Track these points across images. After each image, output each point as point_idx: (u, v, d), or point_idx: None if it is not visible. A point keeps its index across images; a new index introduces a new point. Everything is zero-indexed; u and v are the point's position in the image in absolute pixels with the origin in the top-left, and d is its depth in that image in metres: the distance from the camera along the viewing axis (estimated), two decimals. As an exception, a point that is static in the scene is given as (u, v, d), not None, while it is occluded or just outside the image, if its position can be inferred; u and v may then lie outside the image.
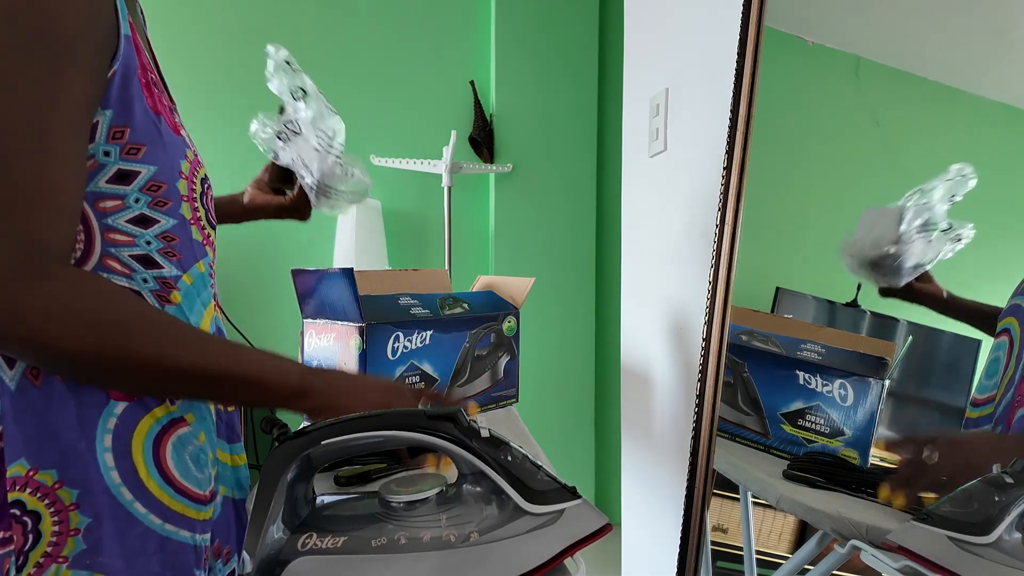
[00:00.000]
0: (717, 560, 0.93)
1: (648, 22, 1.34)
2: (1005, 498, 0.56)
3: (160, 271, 0.55)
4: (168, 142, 0.54)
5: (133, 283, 0.53)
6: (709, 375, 0.89)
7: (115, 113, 0.50)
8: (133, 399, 0.52)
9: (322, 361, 0.91)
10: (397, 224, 2.53)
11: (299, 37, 2.45)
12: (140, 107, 0.52)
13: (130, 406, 0.52)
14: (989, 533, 0.55)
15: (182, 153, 0.56)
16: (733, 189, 0.86)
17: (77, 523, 0.50)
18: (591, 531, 0.47)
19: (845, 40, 0.81)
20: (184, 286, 0.56)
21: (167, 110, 0.55)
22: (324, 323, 0.90)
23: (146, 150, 0.52)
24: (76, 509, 0.50)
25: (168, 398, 0.54)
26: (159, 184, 0.53)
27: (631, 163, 1.44)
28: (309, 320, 0.92)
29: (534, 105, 2.55)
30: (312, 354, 0.92)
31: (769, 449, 0.85)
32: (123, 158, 0.51)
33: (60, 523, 0.50)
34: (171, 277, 0.55)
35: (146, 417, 0.53)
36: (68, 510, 0.50)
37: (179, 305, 0.56)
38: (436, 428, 0.48)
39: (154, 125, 0.53)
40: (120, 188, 0.51)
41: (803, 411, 0.81)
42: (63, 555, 0.50)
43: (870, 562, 0.63)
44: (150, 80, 0.53)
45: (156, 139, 0.53)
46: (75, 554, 0.50)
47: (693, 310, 1.07)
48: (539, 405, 2.57)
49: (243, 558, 0.45)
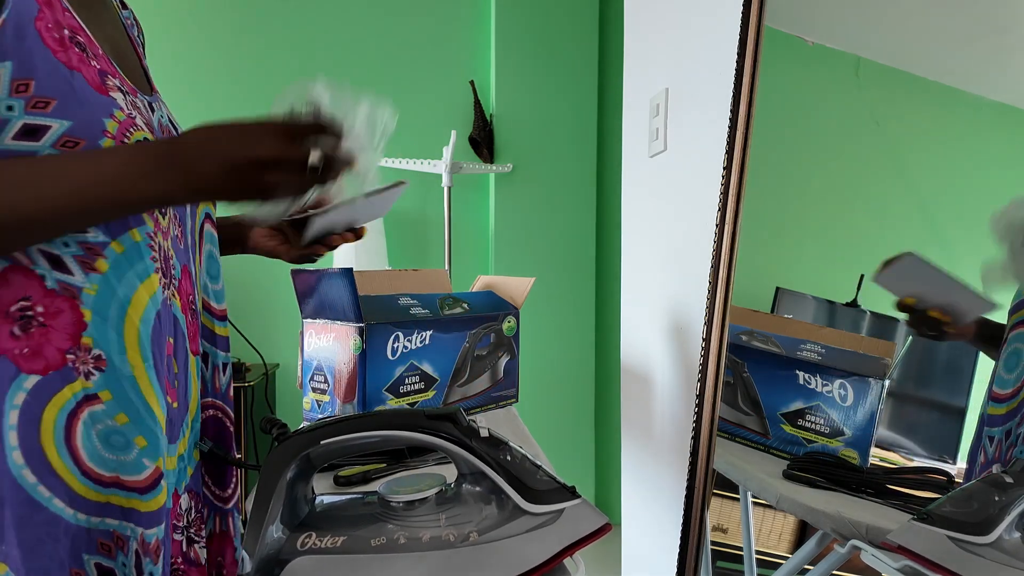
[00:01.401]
0: (717, 560, 0.93)
1: (648, 22, 1.34)
2: (1005, 498, 0.56)
3: (83, 236, 0.51)
4: (85, 99, 0.51)
5: (52, 246, 0.50)
6: (709, 375, 0.89)
7: (15, 65, 0.47)
8: (47, 371, 0.49)
9: (322, 362, 0.91)
10: (397, 224, 2.53)
11: (299, 37, 2.45)
12: (44, 60, 0.49)
13: (43, 380, 0.49)
14: (989, 533, 0.55)
15: (107, 112, 0.52)
16: (733, 189, 0.86)
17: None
18: (590, 531, 0.47)
19: (845, 40, 0.81)
20: (112, 254, 0.52)
21: (93, 71, 0.52)
22: (324, 323, 0.90)
23: (56, 104, 0.49)
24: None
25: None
26: (76, 140, 0.50)
27: (631, 163, 1.44)
28: (309, 320, 0.92)
29: (534, 105, 2.55)
30: (312, 354, 0.92)
31: (769, 449, 0.85)
32: (29, 112, 0.48)
33: None
34: (96, 243, 0.52)
35: (63, 391, 0.50)
36: None
37: (105, 274, 0.52)
38: (436, 428, 0.48)
39: (66, 80, 0.50)
40: (29, 144, 0.48)
41: (803, 411, 0.81)
42: None
43: (870, 562, 0.63)
44: (64, 37, 0.50)
45: (68, 93, 0.50)
46: None
47: (693, 310, 1.07)
48: (539, 405, 2.57)
49: (243, 557, 0.45)
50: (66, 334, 0.50)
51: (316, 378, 0.91)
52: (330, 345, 0.88)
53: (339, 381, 0.87)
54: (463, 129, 2.55)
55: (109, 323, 0.52)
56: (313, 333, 0.91)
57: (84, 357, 0.51)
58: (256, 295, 2.35)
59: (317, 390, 0.91)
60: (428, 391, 0.93)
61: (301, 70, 2.47)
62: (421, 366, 0.92)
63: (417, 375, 0.92)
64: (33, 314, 0.49)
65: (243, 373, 2.10)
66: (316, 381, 0.91)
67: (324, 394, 0.90)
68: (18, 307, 0.49)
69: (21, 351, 0.49)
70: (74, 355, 0.50)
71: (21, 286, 0.49)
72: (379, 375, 0.86)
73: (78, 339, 0.51)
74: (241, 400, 2.05)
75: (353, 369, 0.85)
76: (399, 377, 0.89)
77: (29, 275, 0.49)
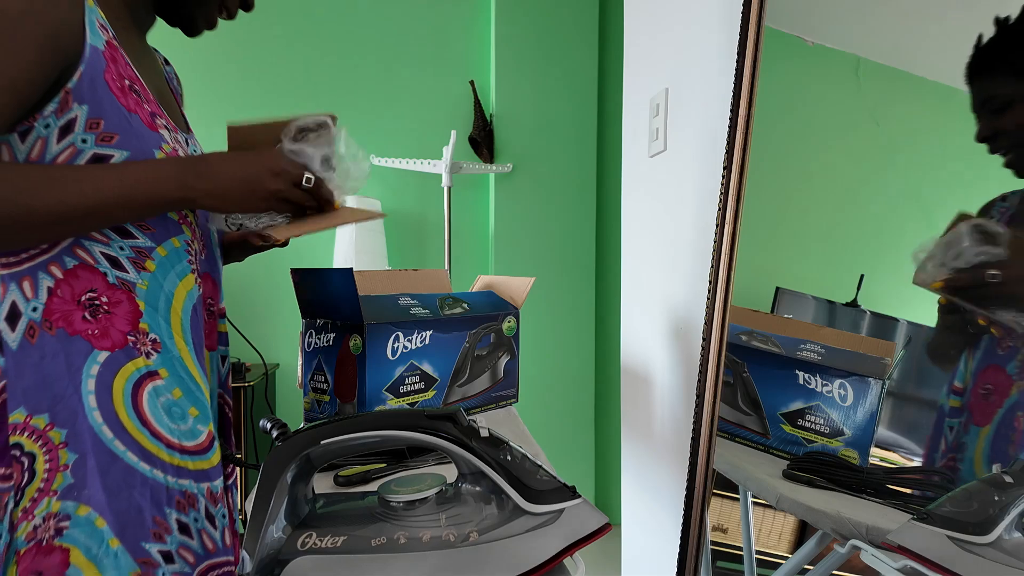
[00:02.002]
0: (717, 560, 0.93)
1: (648, 22, 1.34)
2: (1005, 498, 0.56)
3: (135, 241, 0.63)
4: (140, 134, 0.62)
5: (110, 249, 0.62)
6: (709, 375, 0.89)
7: (90, 108, 0.59)
8: (114, 349, 0.61)
9: (323, 362, 0.91)
10: (397, 224, 2.53)
11: (299, 37, 2.45)
12: (111, 104, 0.60)
13: (111, 355, 0.61)
14: (989, 533, 0.55)
15: (157, 144, 0.64)
16: (733, 189, 0.86)
17: (65, 460, 0.59)
18: (590, 531, 0.47)
19: (845, 40, 0.81)
20: (158, 257, 0.65)
21: (146, 113, 0.64)
22: (324, 323, 0.90)
23: (119, 138, 0.61)
24: (65, 447, 0.59)
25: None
26: None
27: (631, 163, 1.44)
28: (309, 320, 0.92)
29: (534, 105, 2.55)
30: (313, 354, 0.92)
31: (769, 449, 0.85)
32: (98, 144, 0.60)
33: (51, 460, 0.59)
34: (145, 247, 0.64)
35: (127, 365, 0.62)
36: (58, 448, 0.59)
37: (153, 272, 0.65)
38: (436, 428, 0.48)
39: (126, 120, 0.61)
40: None
41: (803, 411, 0.81)
42: (53, 488, 0.58)
43: (870, 562, 0.63)
44: (125, 86, 0.62)
45: (128, 130, 0.61)
46: (63, 487, 0.58)
47: (693, 310, 1.07)
48: (539, 405, 2.57)
49: (243, 557, 0.45)
50: (126, 320, 0.63)
51: (316, 378, 0.91)
52: (330, 345, 0.88)
53: (339, 381, 0.87)
54: (463, 129, 2.55)
55: (159, 312, 0.65)
56: (313, 333, 0.91)
57: (143, 340, 0.63)
58: (256, 296, 2.35)
59: (317, 390, 0.91)
60: (428, 391, 0.93)
61: (301, 70, 2.47)
62: (421, 366, 0.92)
63: (417, 375, 0.92)
64: (99, 303, 0.62)
65: (243, 373, 2.10)
66: (316, 381, 0.91)
67: (324, 394, 0.90)
68: (87, 297, 0.61)
69: (92, 332, 0.61)
70: (134, 337, 0.63)
71: (89, 280, 0.61)
72: (379, 375, 0.86)
73: (136, 324, 0.63)
74: (241, 400, 2.05)
75: (353, 369, 0.85)
76: (399, 377, 0.89)
77: (94, 272, 0.61)
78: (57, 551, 0.58)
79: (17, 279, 0.59)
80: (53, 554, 0.58)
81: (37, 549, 0.58)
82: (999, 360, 0.60)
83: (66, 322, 0.60)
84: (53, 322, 0.60)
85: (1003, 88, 0.61)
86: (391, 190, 2.53)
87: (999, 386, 0.59)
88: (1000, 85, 0.61)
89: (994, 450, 0.59)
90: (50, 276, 0.60)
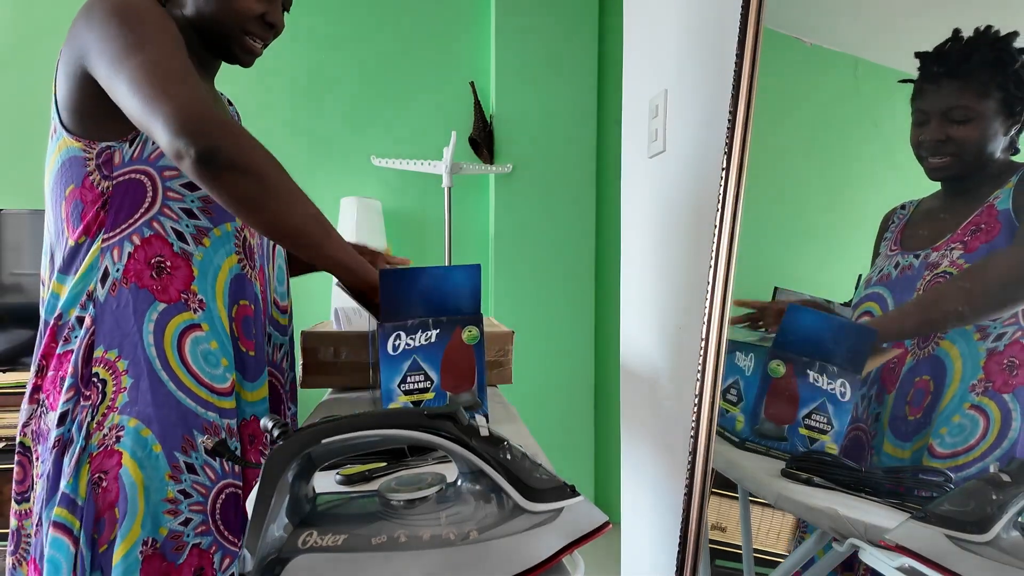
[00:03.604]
0: (716, 558, 0.93)
1: (647, 22, 1.34)
2: (1002, 496, 0.56)
3: (197, 222, 0.82)
4: None
5: (179, 225, 0.81)
6: (708, 375, 0.89)
7: None
8: (171, 303, 0.79)
9: (421, 355, 0.90)
10: (397, 224, 2.54)
11: (299, 37, 2.45)
12: None
13: (167, 307, 0.79)
14: (987, 531, 0.56)
15: None
16: (732, 189, 0.86)
17: (125, 383, 0.77)
18: (590, 529, 0.47)
19: (843, 41, 0.82)
20: (213, 237, 0.83)
21: None
22: (420, 322, 0.87)
23: None
24: (126, 374, 0.77)
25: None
26: None
27: (630, 164, 1.44)
28: (394, 323, 0.90)
29: (534, 105, 2.55)
30: (403, 356, 0.90)
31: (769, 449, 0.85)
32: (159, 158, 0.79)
33: (116, 384, 0.77)
34: (204, 227, 0.82)
35: (176, 317, 0.80)
36: (121, 375, 0.77)
37: (208, 247, 0.82)
38: (435, 427, 0.48)
39: None
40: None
41: (729, 386, 0.87)
42: (116, 406, 0.77)
43: (869, 561, 0.63)
44: None
45: None
46: (122, 404, 0.77)
47: (693, 310, 1.07)
48: (539, 405, 2.57)
49: (243, 556, 0.45)
50: (183, 282, 0.80)
51: (412, 379, 0.88)
52: (433, 342, 0.86)
53: (453, 374, 0.86)
54: (463, 130, 2.55)
55: (207, 280, 0.82)
56: (403, 335, 0.88)
57: (193, 299, 0.81)
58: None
59: (416, 391, 0.88)
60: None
61: (301, 70, 2.47)
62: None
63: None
64: (164, 266, 0.80)
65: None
66: (412, 382, 0.88)
67: (426, 392, 0.87)
68: (156, 260, 0.79)
69: (156, 287, 0.79)
70: (186, 295, 0.80)
71: (159, 247, 0.80)
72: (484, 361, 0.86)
73: (189, 286, 0.81)
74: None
75: (470, 359, 0.84)
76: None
77: (164, 242, 0.80)
78: (116, 453, 0.76)
79: (110, 249, 0.78)
80: (113, 456, 0.76)
81: (104, 453, 0.76)
82: None
83: (138, 278, 0.78)
84: (129, 278, 0.78)
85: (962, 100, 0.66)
86: (391, 190, 2.53)
87: (901, 357, 0.70)
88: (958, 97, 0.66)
89: (895, 411, 0.70)
90: (131, 244, 0.78)
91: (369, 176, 2.51)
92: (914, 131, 0.70)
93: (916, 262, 0.69)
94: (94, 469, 0.76)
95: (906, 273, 0.70)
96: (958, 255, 0.64)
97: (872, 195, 0.78)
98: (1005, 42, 0.62)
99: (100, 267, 0.78)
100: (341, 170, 2.50)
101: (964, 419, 0.62)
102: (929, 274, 0.67)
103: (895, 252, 0.72)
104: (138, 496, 0.76)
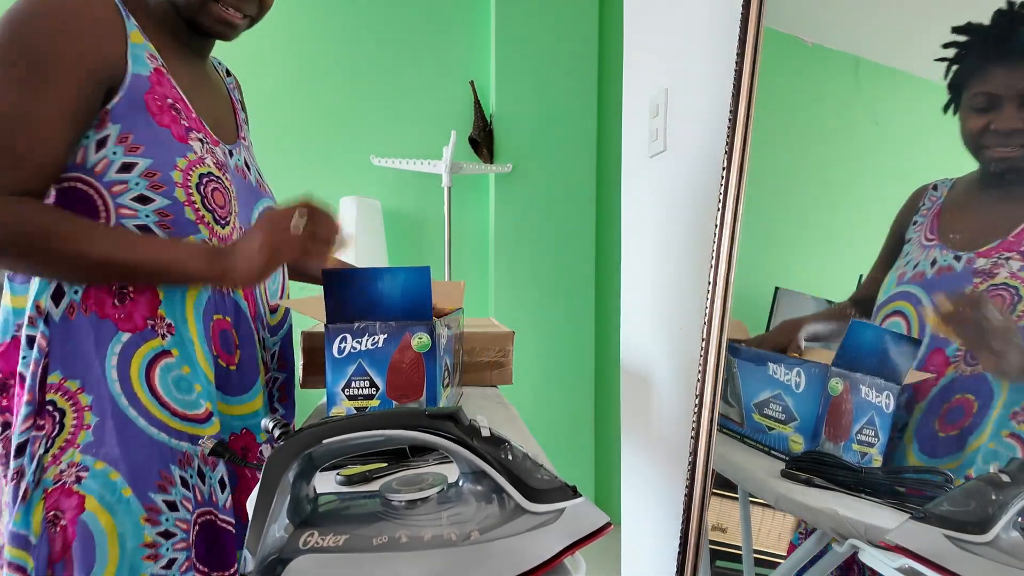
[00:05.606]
0: (716, 559, 0.93)
1: (648, 22, 1.34)
2: (1002, 497, 0.56)
3: None
4: (167, 145, 0.73)
5: None
6: (709, 375, 0.89)
7: (123, 125, 0.71)
8: (135, 331, 0.73)
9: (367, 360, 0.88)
10: (397, 224, 2.54)
11: (299, 37, 2.45)
12: (144, 120, 0.72)
13: (132, 336, 0.73)
14: (987, 532, 0.56)
15: (181, 154, 0.75)
16: (733, 189, 0.86)
17: (89, 420, 0.71)
18: (592, 530, 0.47)
19: (844, 40, 0.82)
20: None
21: (181, 128, 0.75)
22: (366, 325, 0.87)
23: (144, 148, 0.72)
24: (89, 410, 0.71)
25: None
26: (154, 172, 0.73)
27: (631, 163, 1.44)
28: (340, 324, 0.89)
29: (534, 105, 2.55)
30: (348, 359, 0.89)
31: (744, 438, 0.88)
32: (126, 154, 0.72)
33: (77, 418, 0.71)
34: None
35: (144, 346, 0.74)
36: (84, 410, 0.71)
37: None
38: (437, 427, 0.48)
39: (154, 132, 0.73)
40: (125, 176, 0.72)
41: (768, 400, 0.85)
42: (77, 442, 0.71)
43: (869, 561, 0.63)
44: (165, 104, 0.74)
45: (154, 141, 0.73)
46: (85, 443, 0.71)
47: (693, 310, 1.07)
48: (539, 405, 2.57)
49: (244, 556, 0.45)
50: (147, 307, 0.74)
51: (357, 384, 0.87)
52: (379, 347, 0.85)
53: (399, 382, 0.85)
54: (463, 129, 2.55)
55: (175, 301, 0.76)
56: (349, 338, 0.88)
57: (161, 324, 0.75)
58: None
59: (360, 396, 0.87)
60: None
61: (301, 70, 2.47)
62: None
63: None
64: (127, 291, 0.73)
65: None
66: (357, 387, 0.87)
67: (371, 399, 0.86)
68: (117, 286, 0.73)
69: (119, 316, 0.73)
70: (153, 321, 0.74)
71: None
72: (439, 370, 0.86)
73: (155, 311, 0.74)
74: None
75: (419, 367, 0.83)
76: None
77: None
78: (76, 495, 0.70)
79: None
80: (72, 497, 0.70)
81: (60, 490, 0.70)
82: (940, 344, 0.66)
83: (98, 307, 0.72)
84: (88, 305, 0.72)
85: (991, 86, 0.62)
86: (391, 190, 2.53)
87: (939, 366, 0.66)
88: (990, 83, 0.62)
89: (923, 423, 0.67)
90: None
91: (369, 176, 2.51)
92: (974, 117, 0.62)
93: (957, 265, 0.63)
94: (49, 506, 0.70)
95: (945, 275, 0.64)
96: (1019, 267, 0.58)
97: (873, 195, 0.78)
98: None
99: (52, 283, 0.72)
100: (341, 170, 2.50)
101: (999, 447, 0.59)
102: (982, 282, 0.61)
103: (931, 244, 0.66)
104: (109, 544, 0.70)
